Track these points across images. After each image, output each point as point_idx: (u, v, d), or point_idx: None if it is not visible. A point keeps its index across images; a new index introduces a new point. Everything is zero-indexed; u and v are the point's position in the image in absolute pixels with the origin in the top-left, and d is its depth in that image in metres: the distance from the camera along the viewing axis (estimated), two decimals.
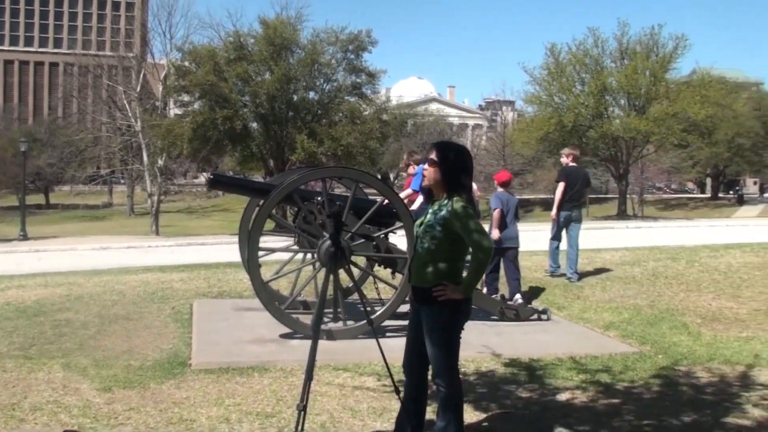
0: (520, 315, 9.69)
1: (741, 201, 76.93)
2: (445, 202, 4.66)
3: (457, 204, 4.60)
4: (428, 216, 4.72)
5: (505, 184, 11.39)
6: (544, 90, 48.45)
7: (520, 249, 11.08)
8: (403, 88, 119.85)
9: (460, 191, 4.65)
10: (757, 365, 7.21)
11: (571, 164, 13.22)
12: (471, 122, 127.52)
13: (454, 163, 4.70)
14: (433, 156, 4.72)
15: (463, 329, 4.83)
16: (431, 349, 4.73)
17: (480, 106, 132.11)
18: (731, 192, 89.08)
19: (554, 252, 12.96)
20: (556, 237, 12.91)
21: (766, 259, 14.33)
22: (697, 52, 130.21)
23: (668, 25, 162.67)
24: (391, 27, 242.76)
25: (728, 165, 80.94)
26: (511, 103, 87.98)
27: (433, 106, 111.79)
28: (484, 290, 10.45)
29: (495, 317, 9.59)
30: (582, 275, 12.67)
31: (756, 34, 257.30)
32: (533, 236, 15.80)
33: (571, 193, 12.73)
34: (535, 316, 9.77)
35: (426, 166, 4.79)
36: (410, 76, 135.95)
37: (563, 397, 6.31)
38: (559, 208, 12.68)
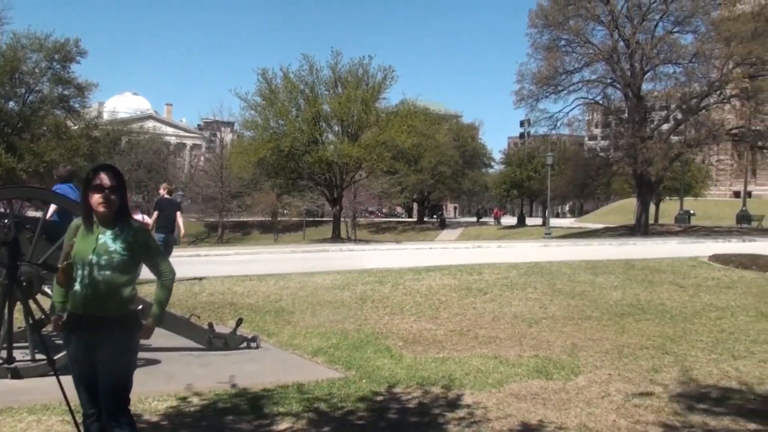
0: (229, 344, 9.46)
1: (443, 225, 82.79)
2: (124, 226, 4.48)
3: (140, 228, 4.56)
4: (102, 241, 4.40)
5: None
6: (260, 115, 48.69)
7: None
8: (117, 104, 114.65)
9: (130, 214, 4.60)
10: (452, 385, 7.60)
11: (166, 196, 15.70)
12: (189, 142, 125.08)
13: (125, 187, 4.59)
14: (109, 180, 4.43)
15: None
16: (115, 383, 4.39)
17: (199, 125, 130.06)
18: (434, 216, 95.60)
19: None
20: None
21: (462, 281, 15.42)
22: (403, 83, 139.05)
23: (377, 57, 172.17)
24: (103, 38, 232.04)
25: (432, 191, 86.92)
26: (230, 124, 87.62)
27: (150, 124, 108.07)
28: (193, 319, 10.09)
29: (202, 347, 9.28)
30: (294, 300, 12.74)
31: (455, 69, 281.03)
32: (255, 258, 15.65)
33: (164, 220, 15.06)
34: (245, 344, 9.60)
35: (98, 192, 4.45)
36: (125, 92, 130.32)
37: (274, 427, 6.18)
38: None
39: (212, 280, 15.81)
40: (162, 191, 16.68)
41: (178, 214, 15.91)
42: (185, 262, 22.75)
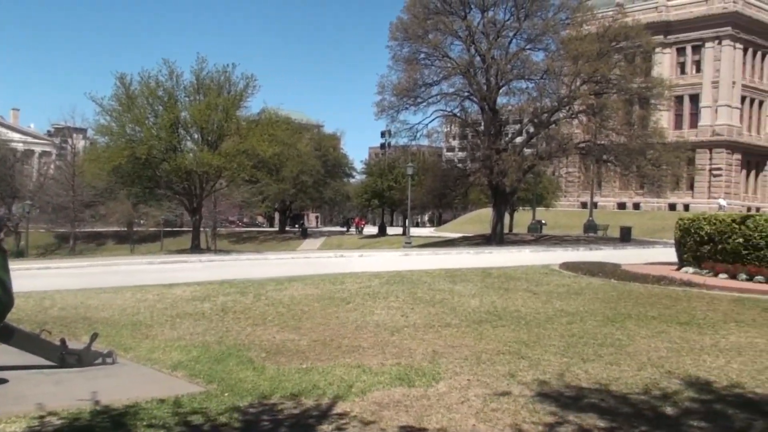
0: (83, 360, 9.04)
1: (305, 234, 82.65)
2: None
3: None
4: None
5: None
6: (116, 121, 47.03)
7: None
8: None
9: None
10: (316, 395, 7.59)
11: None
12: (38, 149, 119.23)
13: None
14: None
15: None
16: None
17: (49, 131, 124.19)
18: (296, 226, 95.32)
19: None
20: None
21: (324, 291, 15.45)
22: (265, 92, 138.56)
23: (240, 65, 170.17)
24: None
25: (294, 200, 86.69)
26: (83, 130, 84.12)
27: None
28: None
29: (54, 364, 8.84)
30: (152, 312, 12.37)
31: (318, 79, 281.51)
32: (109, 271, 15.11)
33: None
34: (100, 360, 9.20)
35: None
36: None
37: None
38: None
39: (64, 294, 15.10)
40: None
41: None
42: (33, 275, 21.65)
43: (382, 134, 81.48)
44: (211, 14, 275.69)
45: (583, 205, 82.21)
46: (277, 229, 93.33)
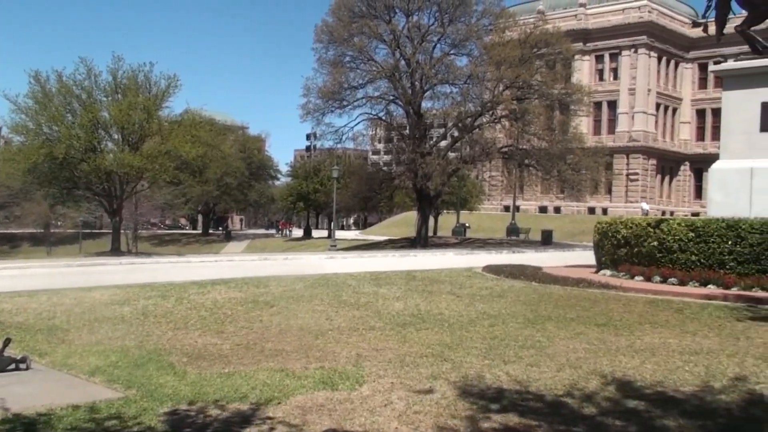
0: None
1: (229, 237, 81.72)
2: None
3: None
4: None
5: None
6: (32, 119, 45.54)
7: None
8: None
9: None
10: (239, 400, 7.51)
11: None
12: None
13: None
14: None
15: None
16: None
17: None
18: (220, 228, 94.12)
19: None
20: None
21: (248, 294, 15.31)
22: (188, 92, 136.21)
23: (160, 64, 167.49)
24: None
25: (217, 203, 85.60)
26: None
27: None
28: None
29: None
30: (69, 317, 12.05)
31: (243, 80, 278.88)
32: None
33: None
34: (13, 366, 8.91)
35: None
36: None
37: None
38: None
39: None
40: None
41: None
42: None
43: (308, 137, 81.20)
44: (134, 12, 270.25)
45: (506, 208, 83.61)
46: (200, 231, 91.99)
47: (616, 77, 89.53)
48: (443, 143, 57.89)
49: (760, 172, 19.17)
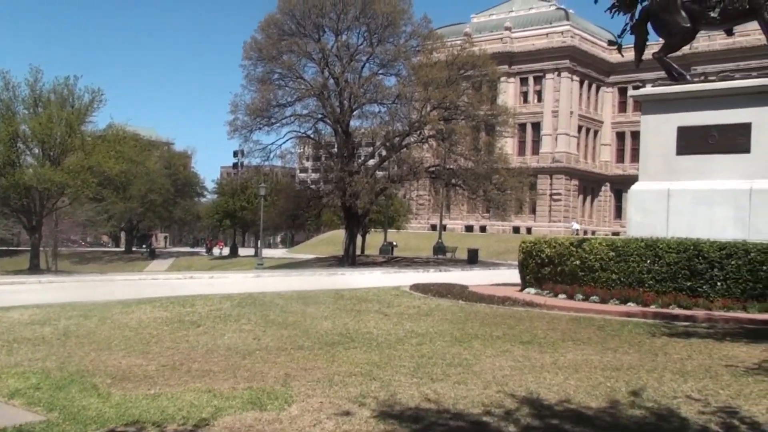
0: None
1: (153, 255, 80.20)
2: None
3: None
4: None
5: None
6: None
7: None
8: None
9: None
10: (164, 421, 7.41)
11: None
12: None
13: None
14: None
15: None
16: None
17: None
18: (144, 246, 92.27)
19: None
20: None
21: (174, 314, 15.08)
22: (113, 107, 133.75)
23: (84, 78, 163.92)
24: None
25: (141, 220, 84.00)
26: None
27: None
28: None
29: None
30: None
31: (168, 96, 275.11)
32: None
33: None
34: None
35: None
36: None
37: None
38: None
39: None
40: None
41: None
42: None
43: (235, 154, 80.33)
44: (56, 23, 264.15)
45: (433, 227, 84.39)
46: (123, 249, 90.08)
47: (540, 99, 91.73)
48: (371, 162, 58.24)
49: (676, 194, 19.86)
